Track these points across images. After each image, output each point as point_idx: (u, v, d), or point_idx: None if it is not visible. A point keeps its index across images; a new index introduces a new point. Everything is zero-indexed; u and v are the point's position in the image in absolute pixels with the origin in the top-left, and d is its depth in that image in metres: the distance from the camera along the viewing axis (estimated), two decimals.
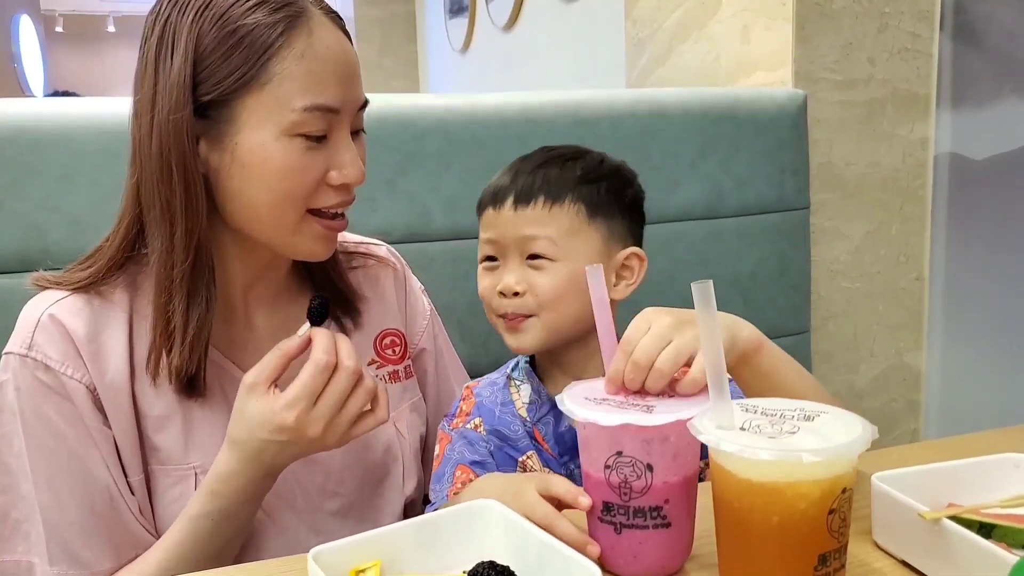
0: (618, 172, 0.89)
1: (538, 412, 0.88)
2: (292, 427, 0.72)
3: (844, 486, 0.52)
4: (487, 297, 0.87)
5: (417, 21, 4.31)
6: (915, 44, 1.44)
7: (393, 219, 1.18)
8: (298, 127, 0.75)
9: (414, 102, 1.23)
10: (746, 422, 0.56)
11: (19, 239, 1.00)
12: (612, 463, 0.59)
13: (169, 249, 0.76)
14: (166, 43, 0.74)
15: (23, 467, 0.76)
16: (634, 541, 0.60)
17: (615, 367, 0.64)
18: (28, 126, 1.01)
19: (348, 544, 0.58)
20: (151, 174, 0.75)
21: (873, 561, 0.63)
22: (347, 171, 0.78)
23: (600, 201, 0.85)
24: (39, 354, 0.76)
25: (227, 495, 0.76)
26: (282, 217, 0.78)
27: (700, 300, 0.57)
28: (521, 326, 0.84)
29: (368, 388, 0.76)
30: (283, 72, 0.74)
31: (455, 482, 0.83)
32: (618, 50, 1.99)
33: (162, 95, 0.74)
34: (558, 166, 0.86)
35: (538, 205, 0.83)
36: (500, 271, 0.86)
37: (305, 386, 0.73)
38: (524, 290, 0.83)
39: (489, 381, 0.94)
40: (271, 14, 0.74)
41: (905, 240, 1.51)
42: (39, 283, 0.81)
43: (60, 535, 0.76)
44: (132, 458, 0.79)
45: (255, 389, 0.75)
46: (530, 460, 0.86)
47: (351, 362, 0.75)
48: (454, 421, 0.92)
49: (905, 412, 1.56)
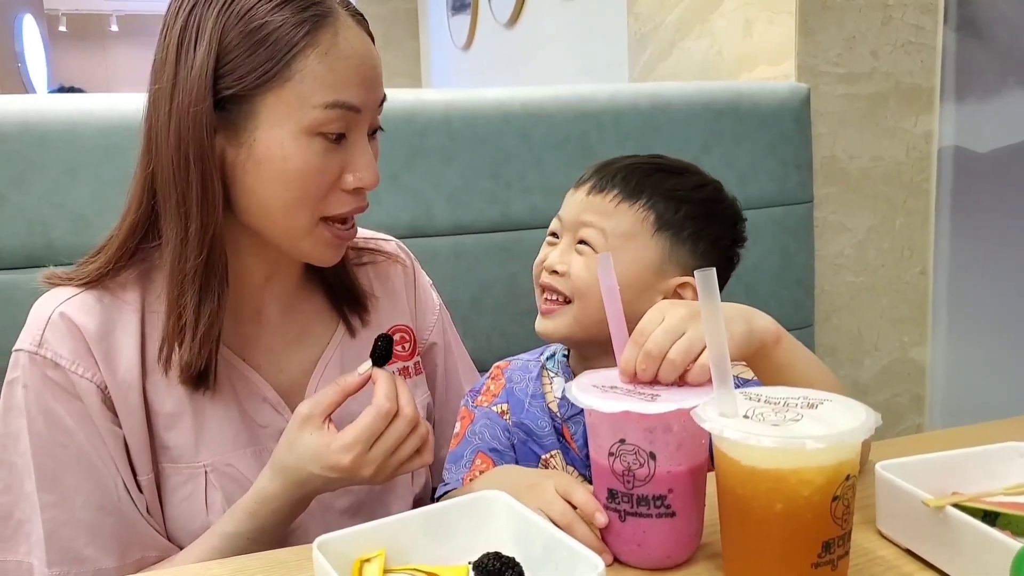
0: (708, 204, 0.86)
1: (570, 409, 0.86)
2: (346, 467, 0.74)
3: (848, 473, 0.52)
4: (535, 270, 0.87)
5: (419, 17, 4.31)
6: (919, 37, 1.44)
7: (396, 214, 1.18)
8: (318, 126, 0.74)
9: (417, 97, 1.23)
10: (749, 410, 0.56)
11: (23, 234, 1.00)
12: (615, 450, 0.60)
13: (183, 242, 0.76)
14: (190, 34, 0.74)
15: (28, 466, 0.76)
16: (638, 529, 0.60)
17: (626, 358, 0.64)
18: (32, 122, 1.01)
19: (353, 533, 0.58)
20: (167, 165, 0.75)
21: (877, 549, 0.63)
22: (362, 175, 0.78)
23: (673, 221, 0.83)
24: (49, 352, 0.76)
25: (265, 516, 0.77)
26: (294, 220, 0.77)
27: (703, 287, 0.57)
28: (553, 313, 0.84)
29: (421, 434, 0.77)
30: (306, 70, 0.73)
31: (473, 469, 0.83)
32: (620, 46, 1.99)
33: (182, 87, 0.73)
34: (650, 172, 0.85)
35: (608, 197, 0.83)
36: (554, 248, 0.86)
37: (365, 430, 0.74)
38: (564, 271, 0.83)
39: (521, 365, 0.93)
40: (297, 13, 0.74)
41: (909, 234, 1.51)
42: (50, 280, 0.80)
43: (61, 535, 0.76)
44: (142, 457, 0.79)
45: (310, 421, 0.75)
46: (553, 459, 0.86)
47: (410, 410, 0.75)
48: (479, 399, 0.91)
49: (909, 406, 1.56)
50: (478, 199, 1.23)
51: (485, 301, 1.23)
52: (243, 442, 0.83)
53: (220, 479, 0.81)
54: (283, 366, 0.87)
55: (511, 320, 1.24)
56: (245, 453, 0.83)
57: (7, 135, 1.00)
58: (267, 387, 0.85)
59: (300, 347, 0.88)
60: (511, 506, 0.61)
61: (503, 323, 1.24)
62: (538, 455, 0.86)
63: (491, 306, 1.23)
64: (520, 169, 1.24)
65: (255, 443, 0.84)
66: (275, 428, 0.85)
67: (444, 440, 1.00)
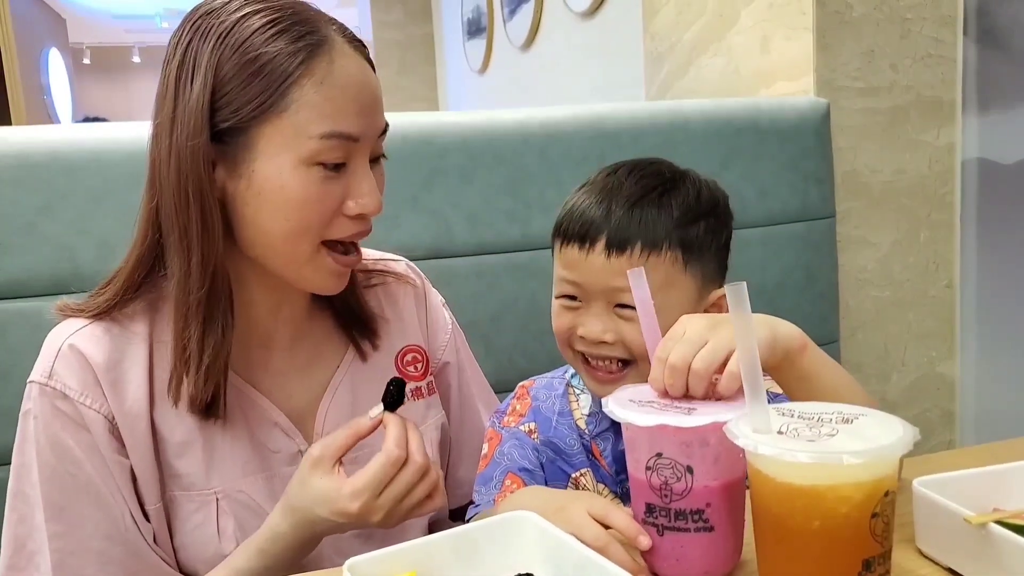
0: (716, 208, 0.83)
1: (598, 426, 0.85)
2: (354, 514, 0.74)
3: (887, 489, 0.51)
4: (564, 336, 0.82)
5: (435, 43, 4.35)
6: (938, 49, 1.43)
7: (416, 235, 1.19)
8: (316, 156, 0.74)
9: (436, 119, 1.23)
10: (783, 425, 0.55)
11: (51, 261, 1.02)
12: (652, 464, 0.59)
13: (187, 275, 0.76)
14: (186, 69, 0.74)
15: (38, 497, 0.76)
16: (676, 544, 0.60)
17: (653, 375, 0.63)
18: (60, 151, 1.03)
19: (384, 555, 0.57)
20: (168, 199, 0.75)
21: (918, 568, 0.62)
22: (364, 201, 0.77)
23: (698, 244, 0.80)
24: (59, 383, 0.76)
25: (274, 554, 0.77)
26: (296, 248, 0.77)
27: (734, 301, 0.56)
28: (615, 379, 0.79)
29: (432, 480, 0.77)
30: (302, 100, 0.73)
31: (504, 489, 0.82)
32: (637, 65, 2.00)
33: (180, 120, 0.74)
34: (655, 203, 0.79)
35: (634, 255, 0.77)
36: (582, 313, 0.80)
37: (374, 477, 0.74)
38: (613, 340, 0.78)
39: (546, 383, 0.91)
40: (292, 43, 0.73)
41: (934, 247, 1.49)
42: (62, 311, 0.81)
43: (69, 565, 0.76)
44: (150, 486, 0.79)
45: (320, 464, 0.76)
46: (584, 478, 0.84)
47: (420, 457, 0.76)
48: (505, 419, 0.90)
49: (940, 423, 1.53)
50: (498, 219, 1.23)
51: (506, 320, 1.23)
52: (254, 468, 0.83)
53: (232, 506, 0.81)
54: (293, 391, 0.87)
55: (532, 339, 1.23)
56: (256, 479, 0.83)
57: (36, 164, 1.01)
58: (278, 412, 0.85)
59: (310, 372, 0.88)
60: (541, 526, 0.60)
61: (524, 341, 1.23)
62: (568, 474, 0.85)
63: (512, 325, 1.23)
64: (539, 188, 1.24)
65: (266, 469, 0.84)
66: (286, 453, 0.85)
67: (460, 459, 0.99)
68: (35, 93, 5.04)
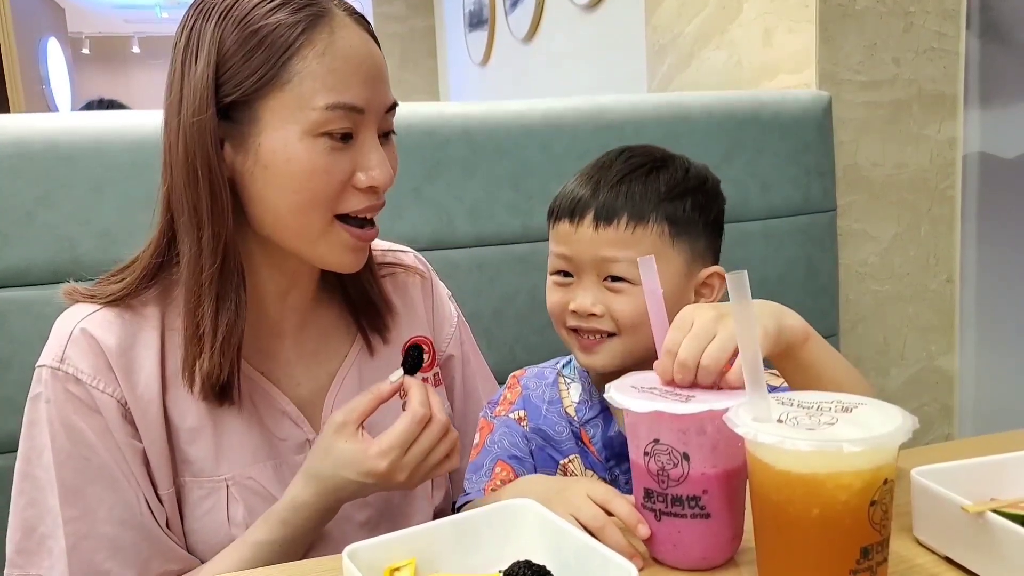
0: (704, 185, 0.85)
1: (587, 413, 0.86)
2: (382, 473, 0.75)
3: (886, 477, 0.51)
4: (557, 312, 0.84)
5: (437, 35, 4.35)
6: (941, 43, 1.43)
7: (418, 227, 1.19)
8: (321, 126, 0.74)
9: (438, 110, 1.23)
10: (783, 414, 0.55)
11: (51, 251, 1.02)
12: (650, 450, 0.60)
13: (197, 253, 0.76)
14: (191, 49, 0.75)
15: (51, 480, 0.76)
16: (673, 529, 0.60)
17: (662, 368, 0.64)
18: (60, 140, 1.03)
19: (383, 542, 0.58)
20: (179, 179, 0.76)
21: (915, 557, 0.62)
22: (374, 172, 0.77)
23: (685, 219, 0.81)
24: (71, 367, 0.76)
25: (296, 524, 0.78)
26: (307, 222, 0.77)
27: (735, 290, 0.56)
28: (597, 347, 0.81)
29: (452, 439, 0.80)
30: (304, 71, 0.73)
31: (494, 477, 0.83)
32: (639, 58, 2.00)
33: (187, 99, 0.74)
34: (641, 180, 0.81)
35: (620, 225, 0.79)
36: (574, 288, 0.82)
37: (401, 435, 0.76)
38: (602, 312, 0.80)
39: (537, 373, 0.92)
40: (293, 14, 0.74)
41: (934, 241, 1.49)
42: (71, 296, 0.81)
43: (83, 548, 0.76)
44: (162, 471, 0.80)
45: (344, 429, 0.77)
46: (572, 464, 0.85)
47: (443, 416, 0.78)
48: (496, 409, 0.91)
49: (939, 416, 1.54)
50: (499, 211, 1.23)
51: (507, 312, 1.23)
52: (263, 455, 0.83)
53: (241, 492, 0.81)
54: (301, 380, 0.87)
55: (533, 331, 1.23)
56: (265, 466, 0.83)
57: (34, 154, 1.01)
58: (286, 401, 0.85)
59: (317, 361, 0.89)
60: (541, 514, 0.60)
61: (525, 334, 1.24)
62: (556, 460, 0.85)
63: (513, 317, 1.23)
64: (541, 180, 1.24)
65: (275, 456, 0.84)
66: (294, 441, 0.85)
67: (464, 451, 1.00)
68: (34, 83, 5.02)
